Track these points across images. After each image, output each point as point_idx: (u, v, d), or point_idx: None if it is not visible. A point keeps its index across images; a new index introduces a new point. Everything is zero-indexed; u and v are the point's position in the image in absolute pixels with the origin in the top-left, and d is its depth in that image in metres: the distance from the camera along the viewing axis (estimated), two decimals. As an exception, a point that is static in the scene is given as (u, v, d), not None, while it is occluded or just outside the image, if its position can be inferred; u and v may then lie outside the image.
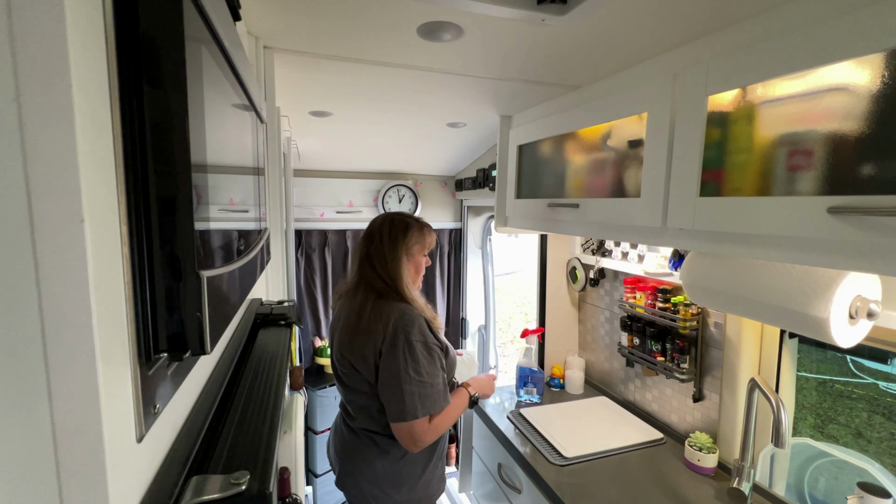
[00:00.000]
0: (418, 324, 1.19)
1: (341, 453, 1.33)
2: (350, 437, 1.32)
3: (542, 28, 0.89)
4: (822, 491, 1.23)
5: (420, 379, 1.15)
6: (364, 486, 1.26)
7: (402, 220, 1.31)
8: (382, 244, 1.27)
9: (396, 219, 1.31)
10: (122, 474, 0.31)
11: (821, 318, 0.89)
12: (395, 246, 1.27)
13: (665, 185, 0.94)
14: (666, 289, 1.53)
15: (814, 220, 0.67)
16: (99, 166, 0.29)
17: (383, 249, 1.27)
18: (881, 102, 0.61)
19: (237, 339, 0.73)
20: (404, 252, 1.28)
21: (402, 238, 1.28)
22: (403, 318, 1.18)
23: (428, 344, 1.19)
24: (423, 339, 1.18)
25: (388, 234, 1.28)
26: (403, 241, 1.28)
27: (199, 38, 0.41)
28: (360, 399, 1.26)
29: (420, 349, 1.17)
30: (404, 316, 1.19)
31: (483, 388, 1.41)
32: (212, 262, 0.44)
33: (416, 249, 1.31)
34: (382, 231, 1.29)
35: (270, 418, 0.53)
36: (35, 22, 0.25)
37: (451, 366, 1.30)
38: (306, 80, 1.26)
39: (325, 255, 2.57)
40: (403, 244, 1.28)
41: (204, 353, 0.38)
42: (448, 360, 1.28)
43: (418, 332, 1.18)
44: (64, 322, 0.27)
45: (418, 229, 1.31)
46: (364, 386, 1.23)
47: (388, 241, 1.27)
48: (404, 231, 1.29)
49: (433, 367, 1.18)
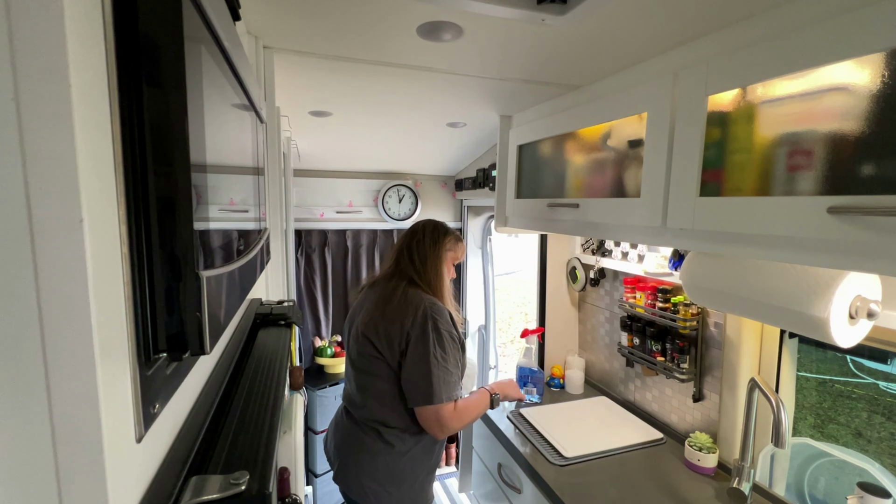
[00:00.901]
0: (446, 314, 1.28)
1: (341, 447, 1.33)
2: (353, 430, 1.32)
3: (541, 28, 0.89)
4: (822, 491, 1.23)
5: (445, 366, 1.21)
6: (364, 481, 1.26)
7: (444, 227, 1.44)
8: (424, 240, 1.38)
9: (439, 225, 1.44)
10: (122, 474, 0.31)
11: (821, 318, 0.89)
12: (436, 245, 1.39)
13: (665, 185, 0.94)
14: (666, 289, 1.53)
15: (814, 220, 0.67)
16: (98, 166, 0.29)
17: (424, 245, 1.38)
18: (881, 102, 0.60)
19: (237, 339, 0.73)
20: (441, 253, 1.39)
21: (442, 241, 1.40)
22: (434, 307, 1.26)
23: (453, 333, 1.27)
24: (450, 328, 1.26)
25: (430, 234, 1.39)
26: (443, 243, 1.40)
27: (199, 38, 0.41)
28: (379, 384, 1.28)
29: (446, 337, 1.24)
30: (435, 305, 1.27)
31: (505, 388, 1.46)
32: (212, 263, 0.44)
33: (449, 256, 1.42)
34: (426, 230, 1.41)
35: (270, 418, 0.53)
36: (34, 22, 0.25)
37: (464, 364, 1.36)
38: (306, 80, 1.26)
39: (325, 255, 2.57)
40: (442, 246, 1.40)
41: (203, 353, 0.38)
42: (463, 356, 1.34)
43: (446, 322, 1.25)
44: (63, 322, 0.27)
45: (455, 240, 1.44)
46: (384, 370, 1.27)
47: (429, 240, 1.38)
48: (444, 235, 1.41)
49: (455, 354, 1.26)
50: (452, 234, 1.44)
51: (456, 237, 1.45)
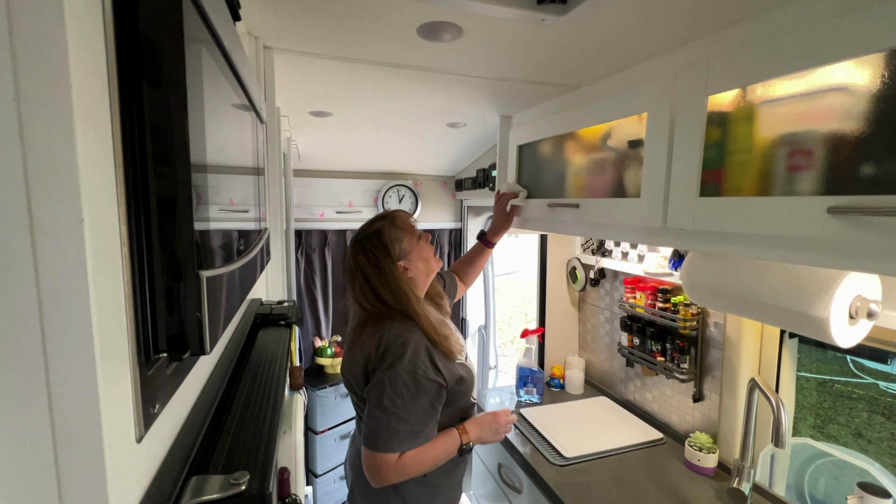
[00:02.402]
0: (412, 350, 1.02)
1: (354, 465, 1.23)
2: (357, 461, 1.17)
3: (542, 28, 0.89)
4: (822, 491, 1.23)
5: (395, 412, 0.99)
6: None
7: (371, 235, 1.12)
8: (369, 279, 1.10)
9: (365, 239, 1.12)
10: (122, 475, 0.31)
11: (821, 318, 0.89)
12: (382, 269, 1.09)
13: (665, 185, 0.94)
14: (666, 289, 1.53)
15: (814, 220, 0.67)
16: (98, 166, 0.29)
17: (372, 282, 1.10)
18: (881, 102, 0.60)
19: (237, 339, 0.73)
20: (395, 265, 1.11)
21: (384, 254, 1.10)
22: (397, 342, 1.03)
23: (417, 377, 1.01)
24: (413, 369, 1.01)
25: (369, 264, 1.10)
26: (387, 255, 1.10)
27: (199, 38, 0.41)
28: (359, 419, 1.19)
29: (405, 380, 1.00)
30: (398, 339, 1.03)
31: (481, 431, 1.16)
32: (212, 263, 0.44)
33: (406, 247, 1.13)
34: (360, 263, 1.11)
35: (270, 418, 0.53)
36: (34, 22, 0.25)
37: (459, 395, 1.13)
38: (306, 80, 1.26)
39: (325, 255, 2.57)
40: (389, 259, 1.10)
41: (203, 353, 0.38)
42: (454, 391, 1.10)
43: (409, 362, 1.01)
44: (63, 322, 0.27)
45: (390, 225, 1.12)
46: (359, 406, 1.15)
47: (373, 271, 1.10)
48: (379, 242, 1.10)
49: (416, 402, 1.01)
50: (384, 227, 1.12)
51: (388, 222, 1.13)
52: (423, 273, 1.17)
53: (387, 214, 1.17)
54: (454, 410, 1.15)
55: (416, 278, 1.15)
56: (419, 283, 1.17)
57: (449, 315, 1.31)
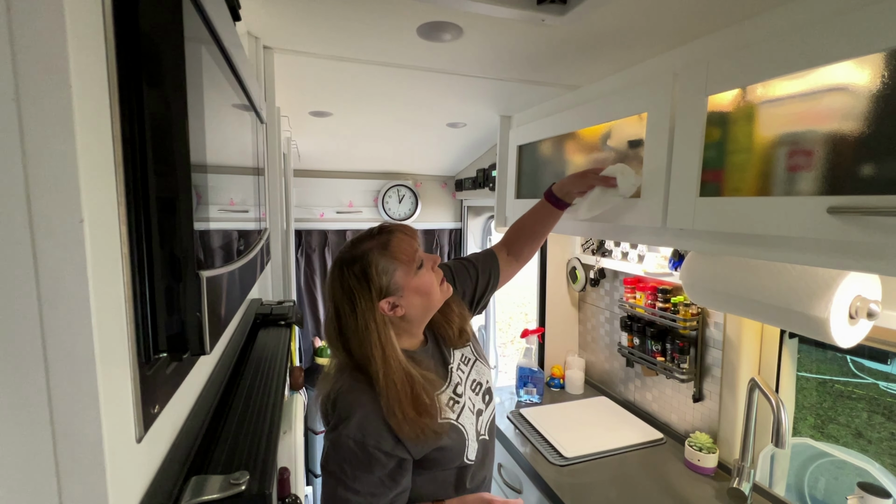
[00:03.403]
0: (360, 415, 0.80)
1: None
2: None
3: (542, 28, 0.89)
4: (822, 491, 1.23)
5: (343, 479, 0.81)
6: None
7: (355, 260, 0.84)
8: (339, 316, 0.86)
9: (346, 264, 0.85)
10: (122, 475, 0.31)
11: (821, 318, 0.89)
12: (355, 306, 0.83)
13: (665, 185, 0.94)
14: (666, 289, 1.53)
15: (814, 220, 0.67)
16: (98, 166, 0.29)
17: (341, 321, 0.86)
18: (881, 102, 0.60)
19: (237, 339, 0.73)
20: (373, 305, 0.83)
21: (363, 288, 0.83)
22: (346, 399, 0.82)
23: (367, 447, 0.79)
24: (362, 438, 0.79)
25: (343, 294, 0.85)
26: (366, 291, 0.83)
27: (199, 38, 0.41)
28: None
29: (352, 448, 0.79)
30: (348, 396, 0.82)
31: None
32: (211, 263, 0.44)
33: (398, 281, 0.85)
34: (333, 291, 0.86)
35: (270, 418, 0.53)
36: (34, 22, 0.25)
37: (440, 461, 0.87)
38: (306, 80, 1.26)
39: (325, 256, 2.57)
40: (368, 296, 0.83)
41: (203, 353, 0.38)
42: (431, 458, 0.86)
43: (356, 429, 0.79)
44: (63, 322, 0.27)
45: (380, 251, 0.84)
46: None
47: (345, 307, 0.84)
48: (361, 273, 0.83)
49: (367, 474, 0.80)
50: (371, 248, 0.84)
51: (377, 242, 0.85)
52: (421, 309, 0.89)
53: (382, 230, 0.89)
54: (439, 474, 0.90)
55: (411, 315, 0.88)
56: (414, 321, 0.90)
57: (461, 339, 1.01)
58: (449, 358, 0.97)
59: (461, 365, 0.98)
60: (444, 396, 0.90)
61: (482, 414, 0.97)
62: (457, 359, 0.98)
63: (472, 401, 0.96)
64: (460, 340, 1.00)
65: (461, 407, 0.93)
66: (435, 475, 0.90)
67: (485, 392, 1.00)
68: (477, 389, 0.98)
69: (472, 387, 0.98)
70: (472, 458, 0.91)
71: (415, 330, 0.93)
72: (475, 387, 0.99)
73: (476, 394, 0.98)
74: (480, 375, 1.01)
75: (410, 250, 0.86)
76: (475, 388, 0.98)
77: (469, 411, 0.93)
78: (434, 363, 0.94)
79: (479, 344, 1.08)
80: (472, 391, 0.97)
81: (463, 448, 0.90)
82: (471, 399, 0.96)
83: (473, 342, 1.05)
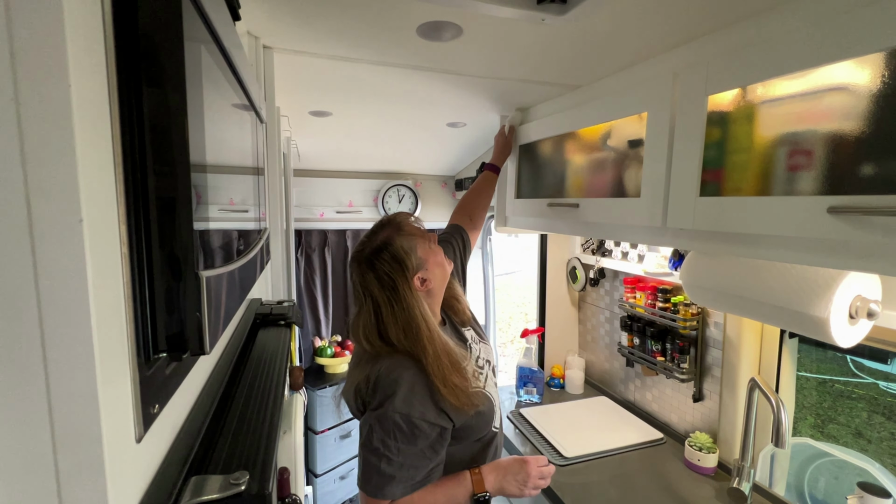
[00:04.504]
0: (407, 388, 0.86)
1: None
2: None
3: (542, 28, 0.89)
4: (822, 491, 1.23)
5: (386, 454, 0.85)
6: None
7: (381, 249, 0.91)
8: (379, 311, 0.91)
9: (373, 256, 0.91)
10: (121, 475, 0.31)
11: (821, 318, 0.89)
12: (398, 293, 0.90)
13: (665, 185, 0.94)
14: (666, 289, 1.53)
15: (814, 220, 0.67)
16: (98, 166, 0.29)
17: (382, 317, 0.91)
18: (881, 102, 0.60)
19: (237, 339, 0.73)
20: (411, 284, 0.91)
21: (399, 271, 0.91)
22: (389, 378, 0.87)
23: (412, 419, 0.85)
24: (408, 410, 0.85)
25: (381, 287, 0.91)
26: (403, 273, 0.91)
27: (199, 38, 0.41)
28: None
29: (398, 423, 0.84)
30: (390, 374, 0.87)
31: (507, 483, 0.95)
32: (211, 263, 0.44)
33: (422, 255, 0.93)
34: (370, 287, 0.92)
35: (270, 418, 0.53)
36: (34, 21, 0.25)
37: (474, 428, 0.94)
38: (306, 80, 1.26)
39: (325, 255, 2.57)
40: (405, 277, 0.91)
41: (203, 353, 0.38)
42: (467, 425, 0.92)
43: (402, 402, 0.85)
44: (63, 322, 0.27)
45: (398, 233, 0.93)
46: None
47: (386, 298, 0.91)
48: (392, 258, 0.91)
49: (411, 446, 0.85)
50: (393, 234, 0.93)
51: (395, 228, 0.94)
52: (441, 280, 0.98)
53: (389, 220, 0.96)
54: (469, 444, 0.97)
55: (435, 289, 0.97)
56: (437, 294, 0.99)
57: (469, 317, 1.12)
58: (465, 334, 1.07)
59: (472, 343, 1.07)
60: (470, 368, 0.96)
61: (496, 387, 1.08)
62: (468, 337, 1.08)
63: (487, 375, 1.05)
64: (464, 316, 1.11)
65: (485, 377, 1.02)
66: (467, 447, 0.97)
67: (493, 370, 1.10)
68: (486, 367, 1.07)
69: (482, 365, 1.07)
70: (498, 425, 1.01)
71: (435, 307, 0.99)
72: (484, 364, 1.07)
73: (487, 370, 1.07)
74: (487, 354, 1.10)
75: (420, 227, 0.98)
76: (484, 365, 1.07)
77: (491, 381, 1.04)
78: (455, 339, 1.01)
79: (480, 326, 1.17)
80: (482, 369, 1.06)
81: (493, 415, 0.99)
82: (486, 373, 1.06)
83: (474, 323, 1.15)
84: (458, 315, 1.10)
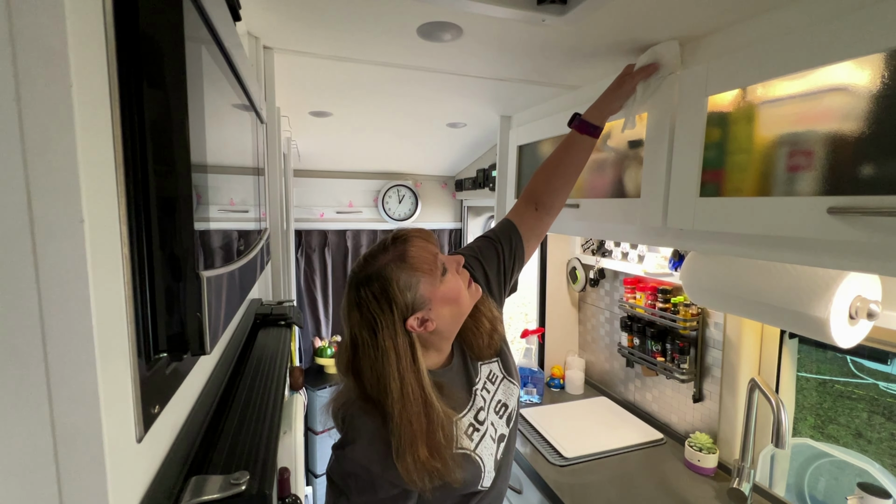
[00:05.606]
0: (366, 442, 0.74)
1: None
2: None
3: (541, 28, 0.89)
4: (822, 491, 1.23)
5: (347, 493, 0.76)
6: None
7: (373, 278, 0.75)
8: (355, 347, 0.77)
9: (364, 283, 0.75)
10: (122, 474, 0.31)
11: (821, 319, 0.89)
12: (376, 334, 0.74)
13: (665, 185, 0.94)
14: (666, 289, 1.53)
15: (814, 220, 0.67)
16: (99, 166, 0.29)
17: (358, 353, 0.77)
18: (881, 102, 0.60)
19: (237, 339, 0.73)
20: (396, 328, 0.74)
21: (384, 310, 0.74)
22: (353, 423, 0.76)
23: (371, 474, 0.74)
24: (367, 465, 0.74)
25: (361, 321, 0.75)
26: (388, 312, 0.74)
27: (199, 38, 0.41)
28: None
29: (356, 472, 0.76)
30: (354, 420, 0.76)
31: None
32: (212, 263, 0.44)
33: (424, 293, 0.75)
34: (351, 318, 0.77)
35: (270, 418, 0.53)
36: (35, 22, 0.25)
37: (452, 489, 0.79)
38: (306, 80, 1.26)
39: (325, 256, 2.57)
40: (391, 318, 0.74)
41: (204, 353, 0.38)
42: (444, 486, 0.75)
43: (362, 454, 0.74)
44: (64, 322, 0.27)
45: (399, 264, 0.75)
46: None
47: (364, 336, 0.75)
48: (382, 292, 0.74)
49: (372, 495, 0.76)
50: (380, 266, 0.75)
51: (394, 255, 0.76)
52: (451, 319, 0.80)
53: (396, 239, 0.79)
54: (453, 498, 0.84)
55: (443, 328, 0.79)
56: (445, 333, 0.81)
57: (495, 349, 0.91)
58: (474, 377, 0.87)
59: (487, 384, 0.88)
60: (465, 422, 0.82)
61: (504, 440, 0.88)
62: (483, 377, 0.88)
63: (494, 426, 0.86)
64: (489, 350, 0.90)
65: (482, 435, 0.84)
66: (449, 494, 0.82)
67: (509, 416, 0.90)
68: (501, 412, 0.89)
69: (497, 409, 0.88)
70: (487, 485, 0.84)
71: (444, 345, 0.84)
72: (500, 408, 0.89)
73: (500, 417, 0.88)
74: (507, 396, 0.91)
75: (430, 257, 0.77)
76: (500, 409, 0.89)
77: (490, 439, 0.85)
78: (458, 384, 0.85)
79: (510, 355, 0.95)
80: (496, 413, 0.88)
81: (478, 479, 0.82)
82: (493, 424, 0.86)
83: (503, 355, 0.94)
84: (478, 349, 0.89)
